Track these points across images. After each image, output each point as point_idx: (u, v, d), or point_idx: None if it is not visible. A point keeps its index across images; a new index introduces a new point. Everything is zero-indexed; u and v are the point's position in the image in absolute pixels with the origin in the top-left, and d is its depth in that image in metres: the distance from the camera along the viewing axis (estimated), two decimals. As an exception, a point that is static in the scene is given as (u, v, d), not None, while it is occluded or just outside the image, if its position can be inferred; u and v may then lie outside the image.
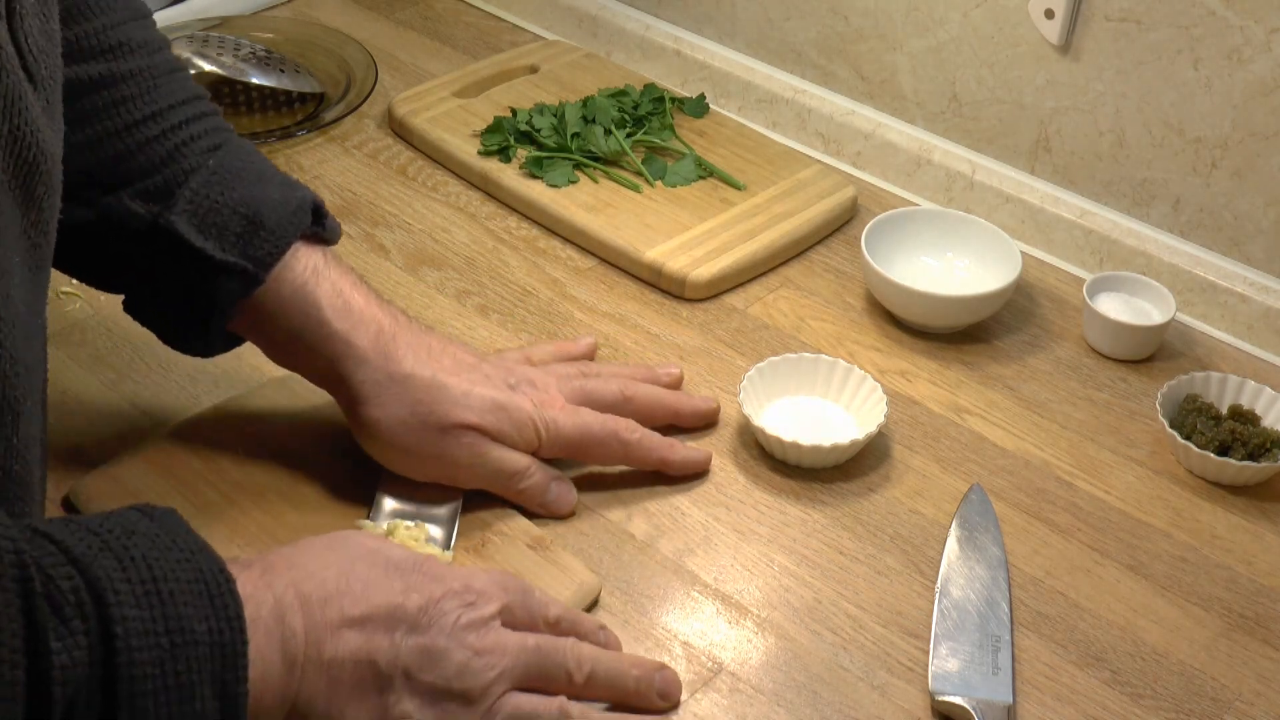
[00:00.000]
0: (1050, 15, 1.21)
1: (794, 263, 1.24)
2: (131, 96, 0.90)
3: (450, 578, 0.78)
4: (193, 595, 0.66)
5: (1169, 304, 1.15)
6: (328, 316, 0.91)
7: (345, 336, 0.91)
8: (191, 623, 0.65)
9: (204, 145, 0.91)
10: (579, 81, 1.41)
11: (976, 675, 0.88)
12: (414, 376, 0.92)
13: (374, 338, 0.92)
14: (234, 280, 0.89)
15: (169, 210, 0.89)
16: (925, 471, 1.05)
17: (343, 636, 0.73)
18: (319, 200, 0.95)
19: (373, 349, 0.92)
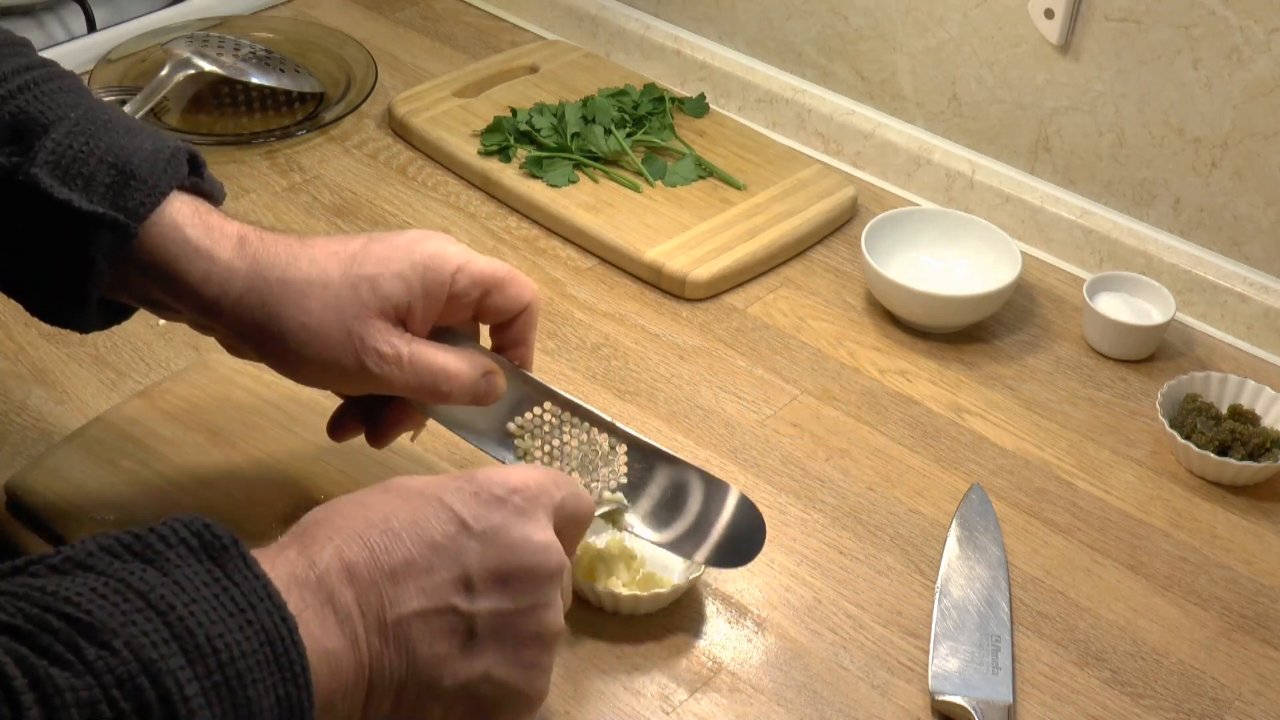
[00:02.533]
0: (1050, 15, 1.21)
1: (794, 263, 1.24)
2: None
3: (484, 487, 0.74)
4: (262, 668, 0.63)
5: (1169, 304, 1.15)
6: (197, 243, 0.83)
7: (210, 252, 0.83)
8: (262, 702, 0.62)
9: (64, 101, 0.83)
10: (579, 81, 1.41)
11: (976, 675, 0.88)
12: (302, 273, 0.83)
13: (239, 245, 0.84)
14: (104, 234, 0.80)
15: (29, 163, 0.80)
16: (925, 471, 1.05)
17: (401, 591, 0.69)
18: (196, 151, 0.87)
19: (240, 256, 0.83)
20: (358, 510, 0.72)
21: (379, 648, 0.69)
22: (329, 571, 0.68)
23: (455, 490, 0.73)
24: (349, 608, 0.68)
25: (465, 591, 0.71)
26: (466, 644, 0.71)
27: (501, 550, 0.72)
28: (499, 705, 0.73)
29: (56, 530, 0.91)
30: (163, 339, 1.10)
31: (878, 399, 1.11)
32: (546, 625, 0.73)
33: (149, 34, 1.42)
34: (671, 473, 0.90)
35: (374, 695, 0.69)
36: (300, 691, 0.64)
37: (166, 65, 1.32)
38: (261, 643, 0.63)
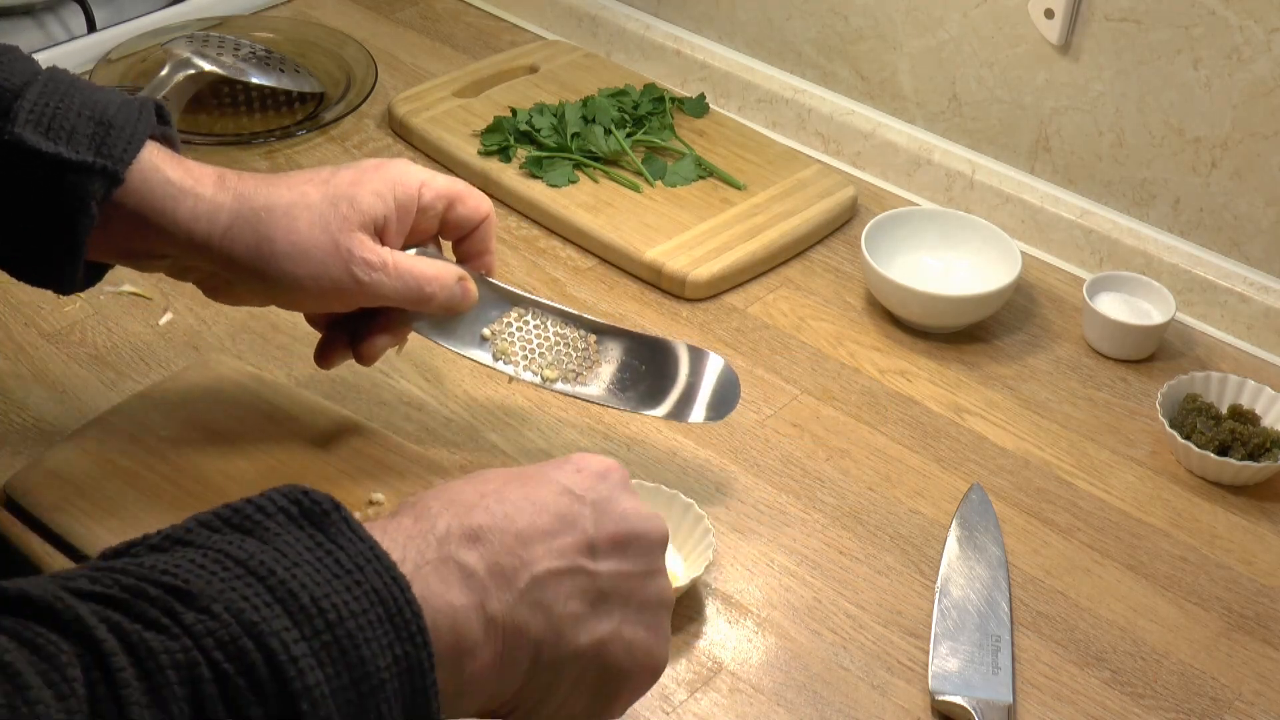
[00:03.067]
0: (1050, 15, 1.21)
1: (794, 262, 1.24)
2: None
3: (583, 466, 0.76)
4: (373, 626, 0.62)
5: (1169, 304, 1.15)
6: (180, 182, 0.87)
7: (194, 190, 0.87)
8: (378, 661, 0.61)
9: (25, 68, 0.87)
10: (579, 81, 1.41)
11: (976, 675, 0.88)
12: (284, 199, 0.89)
13: (219, 181, 0.89)
14: (95, 182, 0.84)
15: (11, 124, 0.83)
16: (925, 471, 1.05)
17: (530, 552, 0.69)
18: (161, 101, 0.92)
19: (222, 191, 0.88)
20: (468, 487, 0.72)
21: (513, 604, 0.68)
22: (449, 535, 0.68)
23: (556, 468, 0.75)
24: (474, 567, 0.67)
25: (589, 553, 0.71)
26: (596, 603, 0.71)
27: (615, 518, 0.73)
28: (627, 671, 0.73)
29: (56, 530, 0.91)
30: (163, 339, 1.10)
31: (878, 399, 1.11)
32: (663, 589, 0.74)
33: (149, 34, 1.42)
34: (642, 347, 0.96)
35: (510, 656, 0.68)
36: (419, 650, 0.62)
37: (166, 65, 1.32)
38: (372, 602, 0.62)
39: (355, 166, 0.92)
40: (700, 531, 0.94)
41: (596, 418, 1.06)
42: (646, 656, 0.73)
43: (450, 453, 1.02)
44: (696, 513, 0.94)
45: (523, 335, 0.96)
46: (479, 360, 0.95)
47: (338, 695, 0.59)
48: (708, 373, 0.96)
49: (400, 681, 0.62)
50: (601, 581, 0.71)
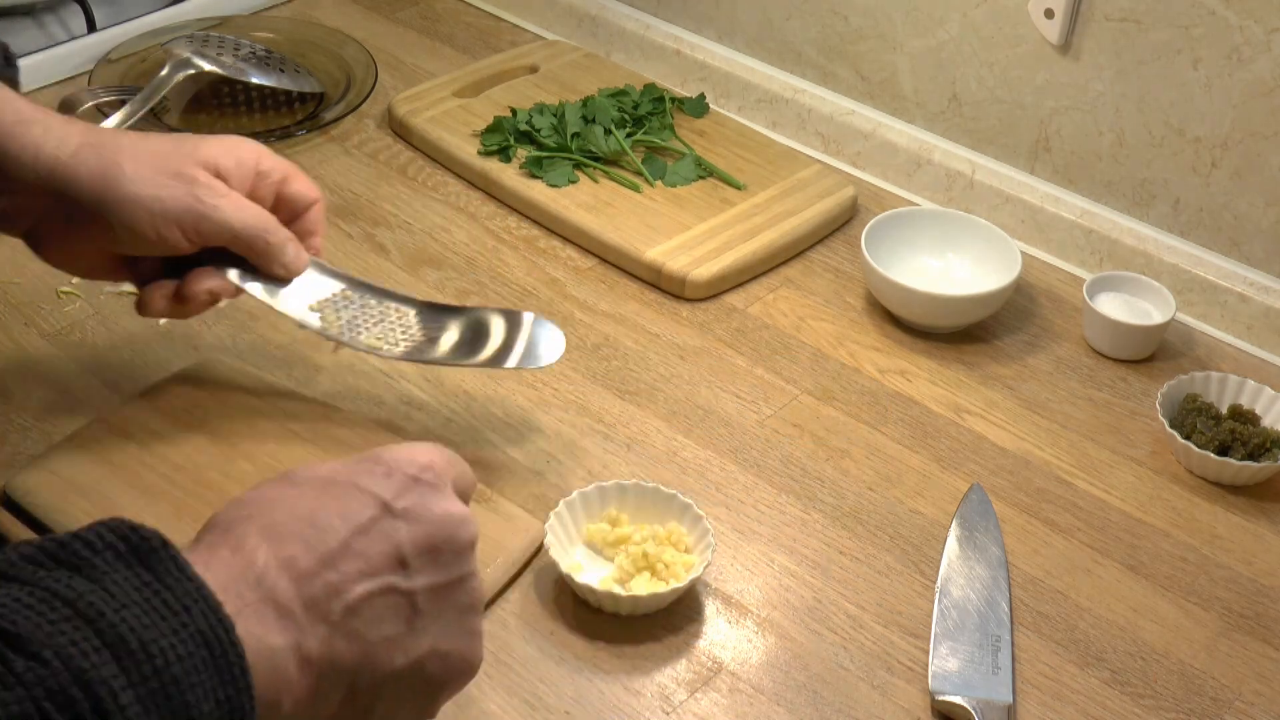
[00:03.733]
0: (1050, 15, 1.21)
1: (794, 262, 1.24)
2: None
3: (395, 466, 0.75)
4: (198, 671, 0.62)
5: (1169, 304, 1.15)
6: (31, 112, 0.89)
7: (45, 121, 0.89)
8: (201, 706, 0.61)
9: None
10: (579, 81, 1.41)
11: (976, 675, 0.88)
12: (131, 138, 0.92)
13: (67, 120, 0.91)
14: None
15: None
16: (925, 471, 1.05)
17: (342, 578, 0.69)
18: (6, 45, 0.94)
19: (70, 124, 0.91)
20: (279, 505, 0.71)
21: (326, 638, 0.68)
22: (268, 569, 0.68)
23: (367, 473, 0.73)
24: (290, 604, 0.67)
25: (402, 569, 0.71)
26: (412, 621, 0.71)
27: (427, 526, 0.73)
28: (446, 678, 0.73)
29: (56, 530, 0.91)
30: (163, 339, 1.10)
31: (878, 399, 1.11)
32: (476, 594, 0.74)
33: (149, 34, 1.42)
34: (460, 318, 1.00)
35: (324, 688, 0.69)
36: (240, 693, 0.63)
37: (166, 65, 1.32)
38: (197, 645, 0.62)
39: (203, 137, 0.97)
40: (700, 531, 0.94)
41: (596, 417, 1.06)
42: (463, 663, 0.74)
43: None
44: (696, 513, 0.94)
45: (348, 309, 0.99)
46: (308, 324, 0.97)
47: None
48: (524, 327, 1.00)
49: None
50: (416, 598, 0.71)
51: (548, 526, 0.92)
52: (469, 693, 0.86)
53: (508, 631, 0.90)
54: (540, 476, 1.01)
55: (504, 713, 0.85)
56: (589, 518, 0.95)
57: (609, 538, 0.94)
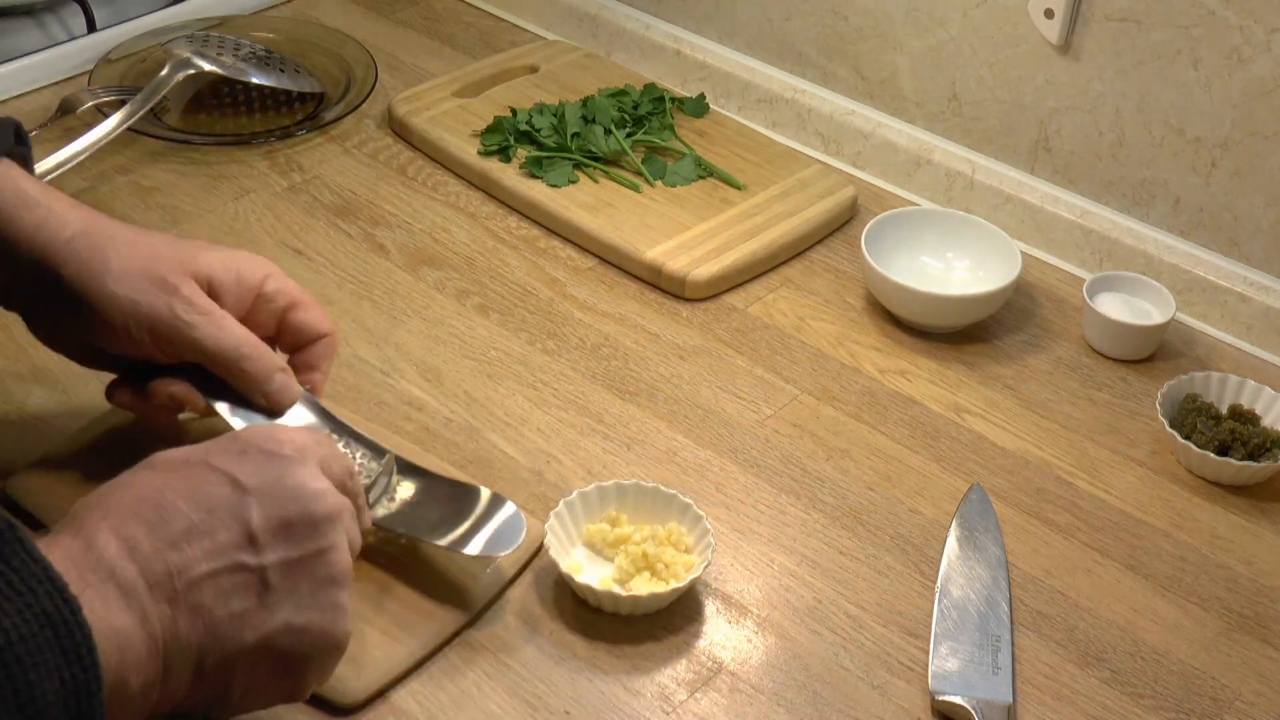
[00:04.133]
0: (1050, 15, 1.21)
1: (794, 262, 1.24)
2: None
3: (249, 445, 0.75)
4: (42, 650, 0.62)
5: (1169, 304, 1.15)
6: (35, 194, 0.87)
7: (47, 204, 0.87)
8: (44, 685, 0.62)
9: None
10: (579, 81, 1.41)
11: (976, 675, 0.88)
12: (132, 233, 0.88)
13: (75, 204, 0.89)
14: None
15: None
16: (925, 471, 1.05)
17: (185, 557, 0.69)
18: (19, 122, 0.91)
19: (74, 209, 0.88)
20: (127, 491, 0.72)
21: (170, 617, 0.68)
22: (107, 549, 0.68)
23: (222, 452, 0.74)
24: (133, 582, 0.68)
25: (251, 546, 0.71)
26: (262, 597, 0.71)
27: (279, 500, 0.72)
28: (305, 655, 0.73)
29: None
30: (163, 339, 1.10)
31: (878, 399, 1.11)
32: (336, 566, 0.74)
33: (149, 34, 1.42)
34: (438, 488, 0.92)
35: (172, 668, 0.69)
36: (86, 672, 0.63)
37: (166, 65, 1.32)
38: (42, 625, 0.62)
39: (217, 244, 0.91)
40: (700, 531, 0.94)
41: (596, 417, 1.06)
42: (323, 638, 0.73)
43: (450, 452, 1.02)
44: (696, 513, 0.94)
45: None
46: None
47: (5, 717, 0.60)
48: (496, 516, 0.91)
49: (66, 705, 0.62)
50: (267, 573, 0.71)
51: (548, 526, 0.92)
52: (468, 692, 0.86)
53: (508, 631, 0.90)
54: (540, 476, 1.01)
55: (504, 713, 0.85)
56: (589, 518, 0.95)
57: (609, 538, 0.94)
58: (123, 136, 1.28)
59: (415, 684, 0.86)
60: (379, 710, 0.85)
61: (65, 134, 1.28)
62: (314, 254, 1.20)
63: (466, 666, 0.88)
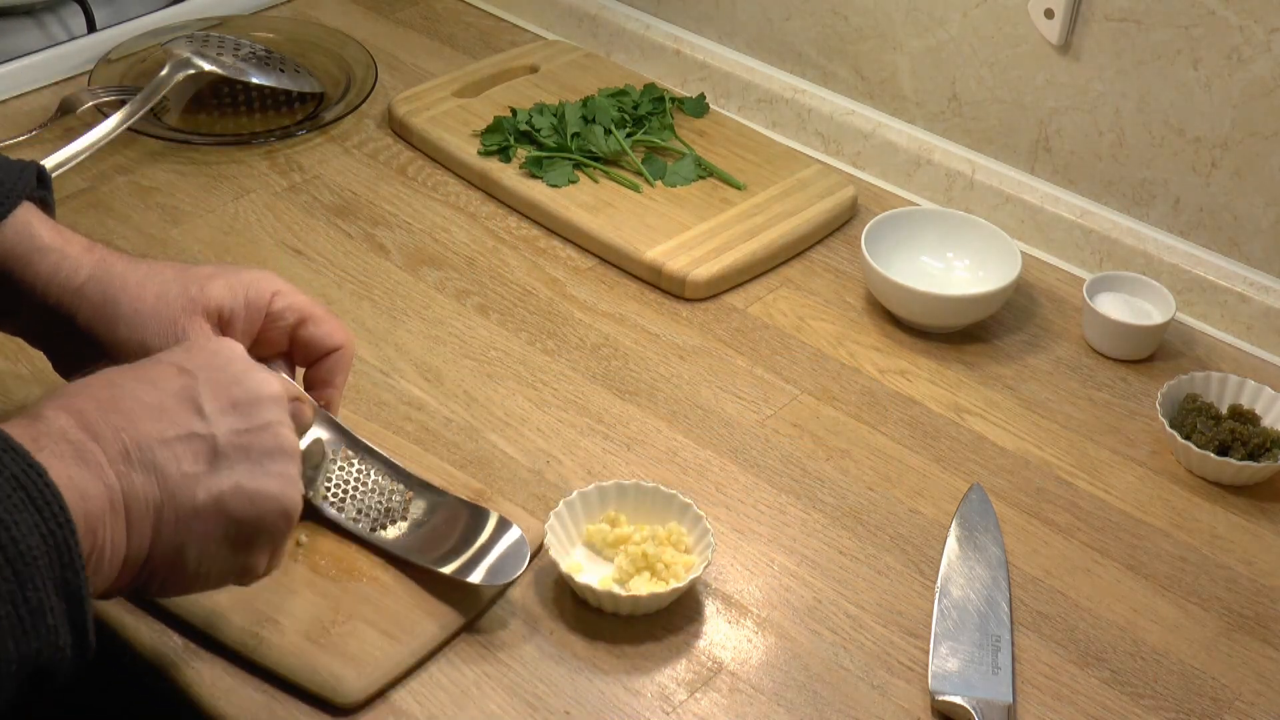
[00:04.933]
0: (1050, 15, 1.21)
1: (794, 262, 1.24)
2: None
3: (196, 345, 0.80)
4: (19, 510, 0.65)
5: (1169, 304, 1.15)
6: (49, 240, 0.89)
7: (61, 249, 0.89)
8: (28, 541, 0.65)
9: None
10: (579, 81, 1.41)
11: (976, 675, 0.88)
12: (141, 271, 0.90)
13: (88, 247, 0.91)
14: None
15: None
16: (925, 471, 1.04)
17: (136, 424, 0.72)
18: (41, 166, 0.93)
19: (87, 252, 0.90)
20: (77, 384, 0.75)
21: (126, 473, 0.71)
22: (56, 420, 0.71)
23: (170, 351, 0.79)
24: (84, 443, 0.70)
25: (200, 416, 0.74)
26: (213, 461, 0.74)
27: (224, 380, 0.76)
28: (257, 520, 0.76)
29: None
30: (163, 339, 1.10)
31: (878, 399, 1.11)
32: (284, 440, 0.77)
33: (149, 34, 1.42)
34: (449, 510, 0.93)
35: (132, 522, 0.71)
36: (63, 528, 0.66)
37: (166, 65, 1.32)
38: (14, 488, 0.65)
39: (219, 264, 0.93)
40: (700, 531, 0.94)
41: (596, 417, 1.06)
42: (273, 502, 0.76)
43: (450, 452, 1.02)
44: (696, 513, 0.94)
45: (340, 474, 0.92)
46: None
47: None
48: (502, 541, 0.91)
49: (50, 559, 0.65)
50: (218, 442, 0.74)
51: (548, 526, 0.92)
52: (468, 692, 0.86)
53: (508, 631, 0.90)
54: (540, 476, 1.01)
55: (504, 713, 0.85)
56: (589, 518, 0.95)
57: (609, 538, 0.94)
58: (123, 136, 1.28)
59: (415, 684, 0.86)
60: (379, 710, 0.85)
61: (65, 134, 1.29)
62: (314, 254, 1.20)
63: (466, 666, 0.88)
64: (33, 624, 0.65)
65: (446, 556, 0.90)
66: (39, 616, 0.65)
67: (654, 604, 0.91)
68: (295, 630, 0.86)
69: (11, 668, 0.64)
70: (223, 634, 0.86)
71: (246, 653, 0.86)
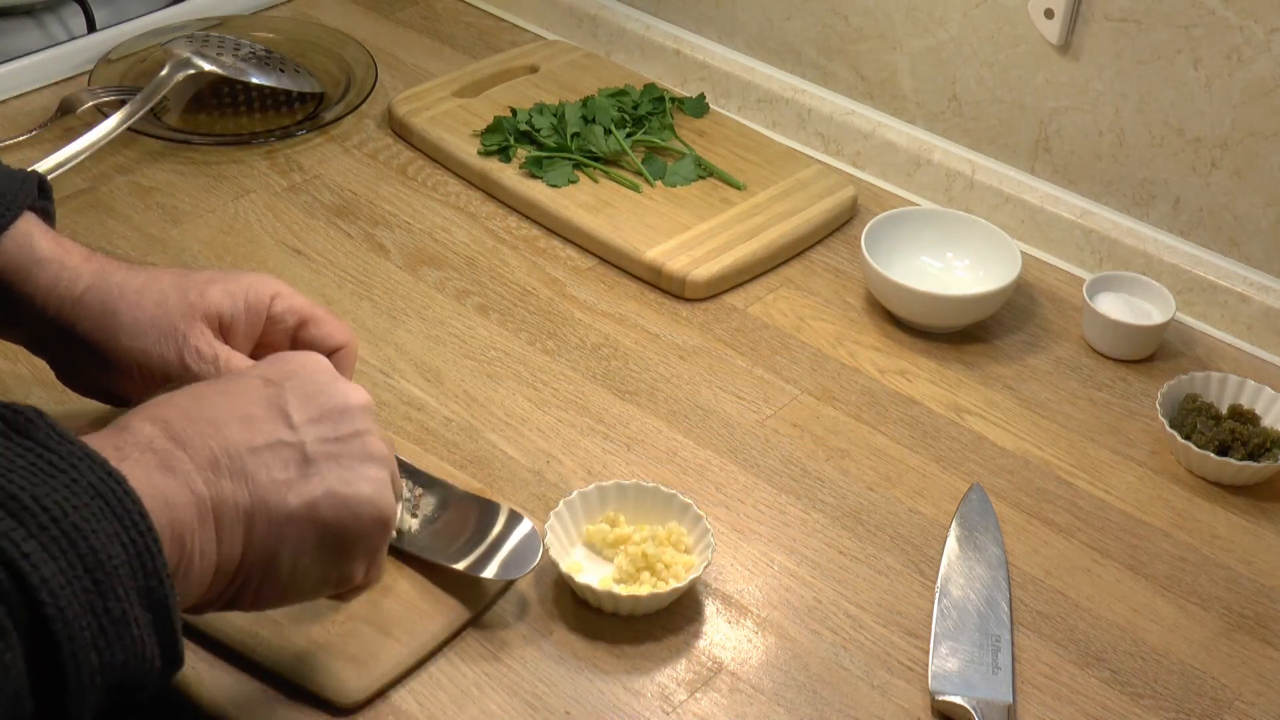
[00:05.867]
0: (1050, 15, 1.21)
1: (794, 262, 1.24)
2: None
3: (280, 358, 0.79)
4: (97, 518, 0.63)
5: (1169, 304, 1.15)
6: (49, 252, 0.89)
7: (60, 260, 0.89)
8: (108, 550, 0.63)
9: None
10: (579, 81, 1.41)
11: (976, 675, 0.88)
12: (141, 279, 0.90)
13: (88, 256, 0.91)
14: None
15: None
16: (925, 471, 1.04)
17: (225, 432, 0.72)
18: (43, 176, 0.93)
19: (87, 262, 0.90)
20: (162, 396, 0.74)
21: (214, 480, 0.70)
22: (141, 429, 0.70)
23: (254, 365, 0.78)
24: (171, 452, 0.70)
25: (288, 425, 0.74)
26: (303, 467, 0.73)
27: (310, 391, 0.76)
28: (349, 526, 0.75)
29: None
30: (163, 339, 1.10)
31: (878, 399, 1.11)
32: (374, 448, 0.77)
33: (149, 34, 1.42)
34: (461, 504, 0.93)
35: (222, 527, 0.70)
36: (144, 536, 0.65)
37: (166, 65, 1.32)
38: (91, 496, 0.64)
39: (217, 269, 0.93)
40: (700, 531, 0.94)
41: (596, 417, 1.06)
42: (368, 506, 0.75)
43: (450, 452, 1.02)
44: (696, 513, 0.94)
45: None
46: None
47: (74, 585, 0.61)
48: (514, 534, 0.91)
49: (132, 568, 0.64)
50: (306, 448, 0.74)
51: (548, 526, 0.92)
52: (468, 692, 0.86)
53: (508, 631, 0.90)
54: (540, 476, 1.01)
55: (504, 713, 0.85)
56: (589, 518, 0.95)
57: (609, 538, 0.94)
58: (123, 136, 1.28)
59: (415, 684, 0.86)
60: (379, 710, 0.85)
61: (65, 134, 1.29)
62: (314, 254, 1.20)
63: (466, 666, 0.88)
64: (116, 634, 0.63)
65: (460, 552, 0.90)
66: (123, 627, 0.63)
67: (654, 604, 0.91)
68: (295, 630, 0.86)
69: (97, 679, 0.63)
70: (223, 634, 0.86)
71: (246, 652, 0.86)
